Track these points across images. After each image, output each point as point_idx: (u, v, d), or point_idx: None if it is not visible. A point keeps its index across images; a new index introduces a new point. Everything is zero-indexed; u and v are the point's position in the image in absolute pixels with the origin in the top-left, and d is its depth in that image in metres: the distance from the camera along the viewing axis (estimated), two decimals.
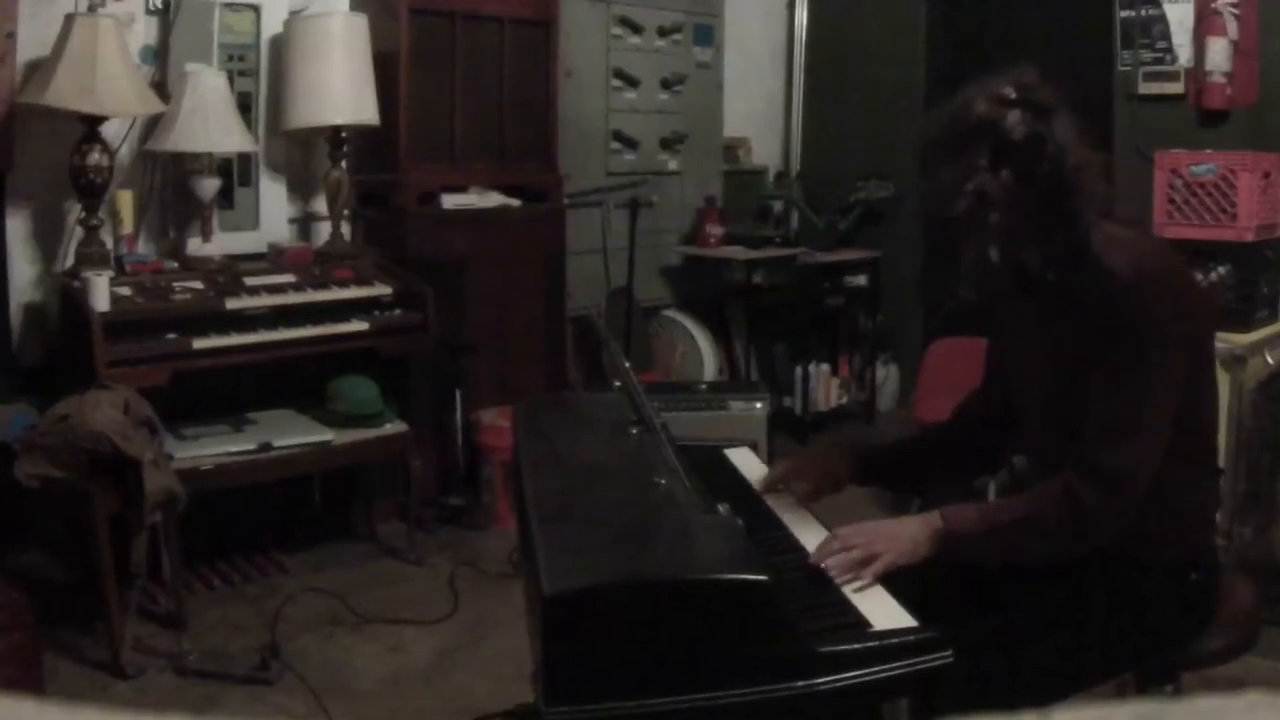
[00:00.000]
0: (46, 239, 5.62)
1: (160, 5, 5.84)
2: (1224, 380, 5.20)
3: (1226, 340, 5.34)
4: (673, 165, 8.28)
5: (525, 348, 6.97)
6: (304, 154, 6.53)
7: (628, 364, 3.33)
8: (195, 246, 5.81)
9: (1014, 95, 2.71)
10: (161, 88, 5.77)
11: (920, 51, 8.74)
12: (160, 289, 5.44)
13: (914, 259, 8.76)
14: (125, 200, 5.65)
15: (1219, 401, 2.94)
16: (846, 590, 2.65)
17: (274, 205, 6.37)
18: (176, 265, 5.69)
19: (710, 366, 8.09)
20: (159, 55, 5.85)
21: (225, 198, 6.06)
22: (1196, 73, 6.53)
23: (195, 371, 5.36)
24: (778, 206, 9.04)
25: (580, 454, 3.20)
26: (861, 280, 8.55)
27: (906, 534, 2.78)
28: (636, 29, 7.93)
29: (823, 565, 2.72)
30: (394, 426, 5.90)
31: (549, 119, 7.13)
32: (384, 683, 4.77)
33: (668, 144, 8.21)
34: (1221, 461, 5.04)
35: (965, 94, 2.78)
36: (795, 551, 2.86)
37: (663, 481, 2.76)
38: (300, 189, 6.56)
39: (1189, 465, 2.84)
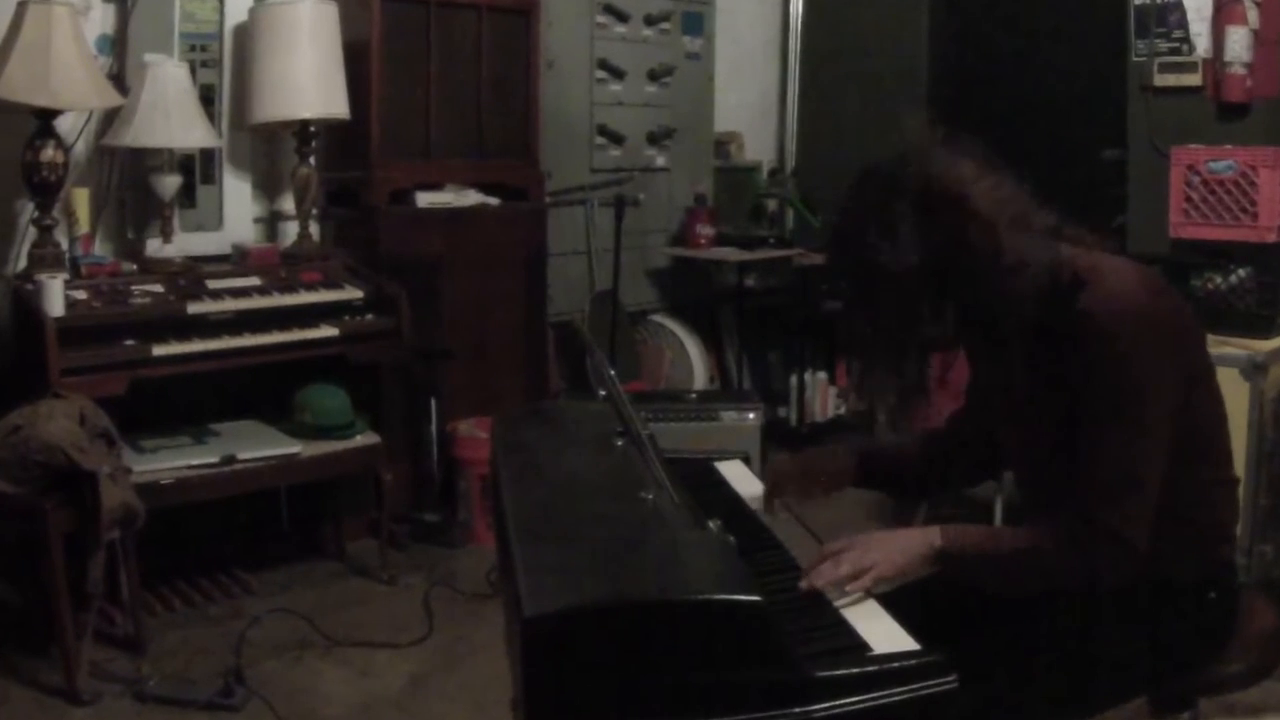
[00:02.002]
0: None
1: None
2: (1244, 390, 5.21)
3: (1246, 347, 5.35)
4: (661, 161, 8.28)
5: (504, 355, 6.98)
6: (270, 149, 6.54)
7: (613, 372, 3.34)
8: (155, 248, 5.81)
9: (922, 204, 2.67)
10: (119, 79, 5.77)
11: (922, 40, 8.74)
12: (118, 292, 5.44)
13: None
14: (81, 199, 5.65)
15: (1224, 407, 2.93)
16: (844, 611, 2.64)
17: (238, 204, 6.36)
18: (135, 267, 5.69)
19: (700, 374, 8.10)
20: (116, 45, 5.84)
21: (187, 196, 6.06)
22: (1215, 63, 6.52)
23: (155, 380, 5.34)
24: (772, 205, 9.04)
25: (562, 467, 3.20)
26: None
27: (899, 545, 2.78)
28: (622, 17, 7.93)
29: (813, 579, 2.72)
30: (365, 438, 5.90)
31: (529, 113, 7.14)
32: (354, 709, 4.77)
33: (655, 139, 8.21)
34: (1241, 473, 5.05)
35: (865, 226, 2.72)
36: (790, 570, 2.86)
37: (650, 496, 2.76)
38: (266, 187, 6.57)
39: (1201, 478, 2.84)
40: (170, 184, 5.77)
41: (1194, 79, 6.58)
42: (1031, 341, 2.76)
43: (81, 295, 5.32)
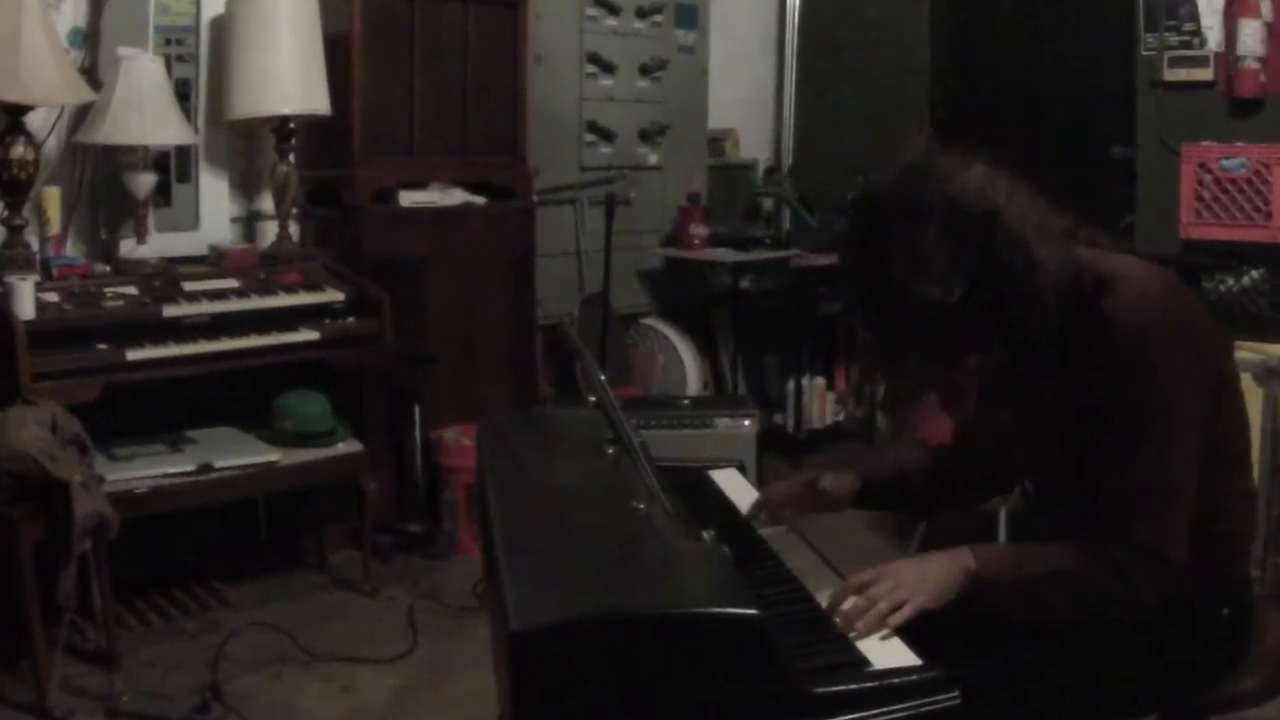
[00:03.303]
0: None
1: None
2: (1257, 396, 5.20)
3: (1260, 352, 5.34)
4: (653, 159, 8.29)
5: (491, 359, 6.97)
6: (248, 147, 6.53)
7: (603, 377, 3.34)
8: (129, 248, 5.80)
9: (954, 229, 2.63)
10: (92, 74, 5.75)
11: (924, 34, 8.72)
12: (90, 295, 5.43)
13: None
14: (52, 198, 5.64)
15: (1247, 416, 2.91)
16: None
17: (215, 203, 6.36)
18: (108, 269, 5.68)
19: (694, 380, 8.10)
20: (89, 38, 5.83)
21: (162, 195, 6.06)
22: (1227, 57, 6.53)
23: (129, 385, 5.34)
24: (768, 204, 9.05)
25: (551, 476, 3.20)
26: None
27: (932, 574, 2.72)
28: (613, 9, 7.93)
29: (850, 620, 2.64)
30: (346, 446, 5.89)
31: (517, 108, 7.13)
32: None
33: (647, 136, 8.22)
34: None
35: (895, 255, 2.64)
36: (788, 583, 2.86)
37: (641, 506, 2.77)
38: (244, 185, 6.56)
39: (1219, 489, 2.81)
40: (145, 182, 5.77)
41: (1205, 73, 6.59)
42: (1052, 348, 2.75)
43: (53, 298, 5.31)
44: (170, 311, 5.51)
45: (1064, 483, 2.87)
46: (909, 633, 2.58)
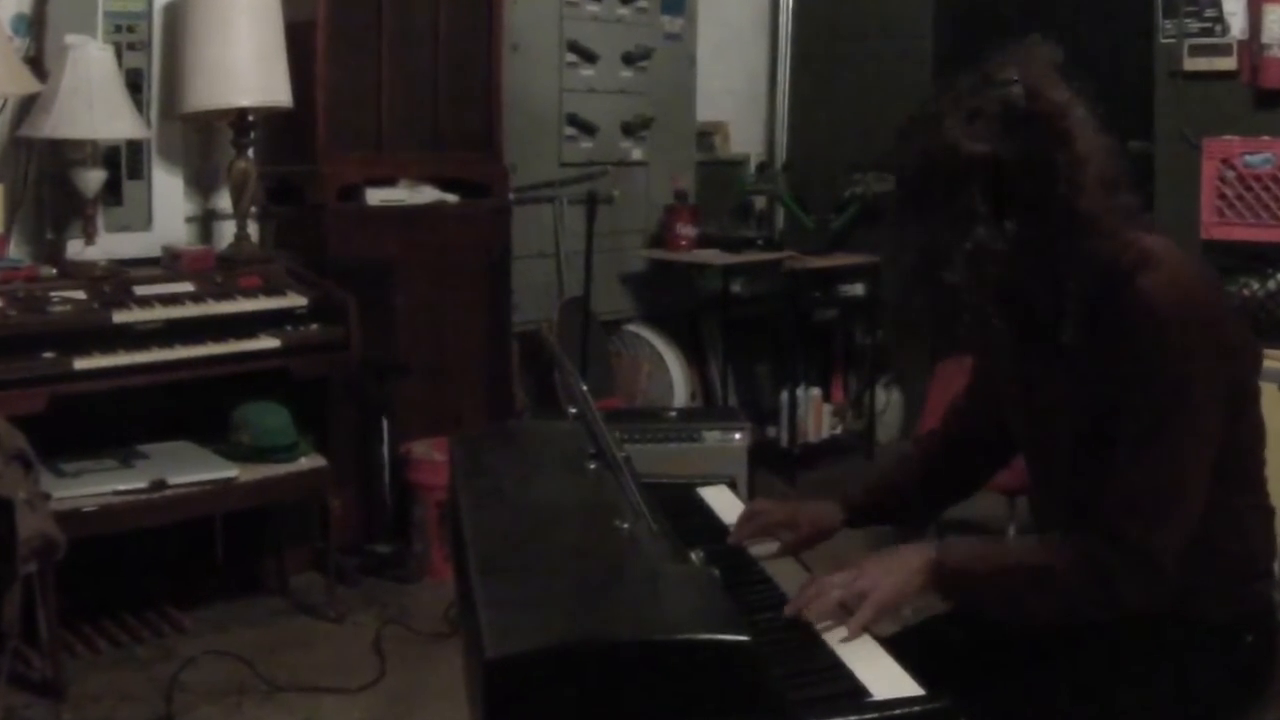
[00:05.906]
0: None
1: None
2: None
3: None
4: (637, 154, 8.31)
5: (464, 369, 6.97)
6: (204, 141, 6.53)
7: (584, 387, 3.34)
8: (77, 250, 5.79)
9: (1017, 107, 2.66)
10: (37, 63, 5.75)
11: (926, 20, 8.73)
12: (35, 299, 5.42)
13: None
14: None
15: (1265, 428, 2.91)
16: (841, 652, 2.62)
17: (169, 201, 6.35)
18: (54, 271, 5.67)
19: (681, 390, 8.10)
20: (34, 25, 5.82)
21: (112, 193, 6.04)
22: (1251, 46, 6.54)
23: (77, 396, 5.32)
24: (760, 203, 9.06)
25: (529, 493, 3.21)
26: (858, 289, 8.51)
27: (897, 565, 2.74)
28: None
29: (799, 606, 2.71)
30: (309, 461, 5.89)
31: (492, 101, 7.13)
32: None
33: (631, 130, 8.22)
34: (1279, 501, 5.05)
35: (947, 111, 2.71)
36: (781, 607, 2.86)
37: (625, 525, 2.76)
38: (200, 182, 6.55)
39: (1235, 504, 2.81)
40: (93, 179, 5.75)
41: (1228, 63, 6.60)
42: (1075, 330, 2.75)
43: None
44: (121, 317, 5.50)
45: (1068, 472, 2.87)
46: (910, 660, 2.58)
